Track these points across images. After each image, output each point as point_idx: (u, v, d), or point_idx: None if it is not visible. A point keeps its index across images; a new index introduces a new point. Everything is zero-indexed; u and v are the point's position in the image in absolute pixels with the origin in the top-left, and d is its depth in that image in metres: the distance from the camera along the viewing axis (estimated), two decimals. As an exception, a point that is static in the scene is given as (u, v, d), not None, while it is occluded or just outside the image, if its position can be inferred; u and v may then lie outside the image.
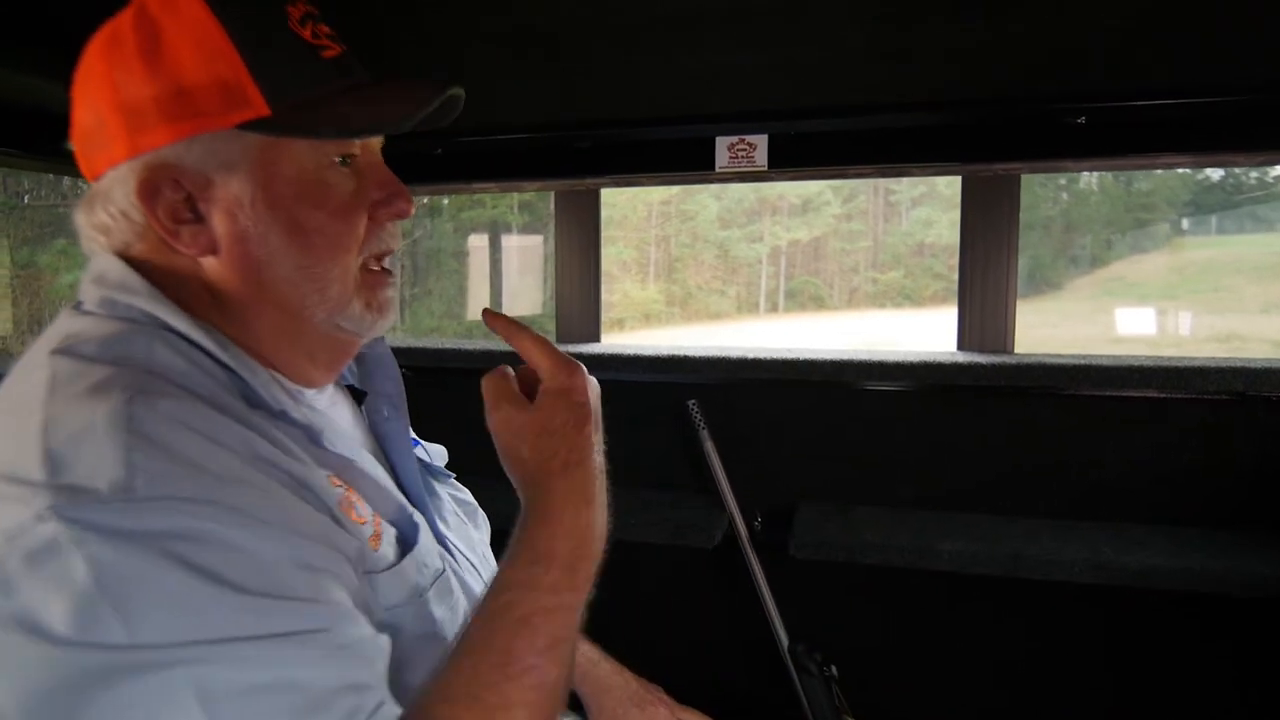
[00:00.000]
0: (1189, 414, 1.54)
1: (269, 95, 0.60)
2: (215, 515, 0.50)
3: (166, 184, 0.61)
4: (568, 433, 0.64)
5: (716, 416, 1.72)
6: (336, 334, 0.68)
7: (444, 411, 1.06)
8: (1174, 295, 6.70)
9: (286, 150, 0.62)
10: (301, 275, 0.64)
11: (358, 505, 0.63)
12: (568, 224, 1.98)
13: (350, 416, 0.77)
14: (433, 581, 0.67)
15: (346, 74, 0.65)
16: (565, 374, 0.65)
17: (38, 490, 0.49)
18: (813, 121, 1.55)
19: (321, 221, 0.63)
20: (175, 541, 0.49)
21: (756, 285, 7.82)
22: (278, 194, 0.62)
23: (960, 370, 1.62)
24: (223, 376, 0.61)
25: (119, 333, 0.59)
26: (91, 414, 0.51)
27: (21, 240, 4.39)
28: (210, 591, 0.49)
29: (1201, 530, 1.52)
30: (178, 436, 0.52)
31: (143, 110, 0.59)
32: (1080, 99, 1.42)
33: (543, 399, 0.64)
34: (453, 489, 0.90)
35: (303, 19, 0.64)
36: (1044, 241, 6.86)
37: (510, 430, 0.65)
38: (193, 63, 0.59)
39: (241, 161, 0.61)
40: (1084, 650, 1.62)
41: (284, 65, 0.61)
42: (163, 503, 0.49)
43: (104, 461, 0.49)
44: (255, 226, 0.62)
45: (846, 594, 1.70)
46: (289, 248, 0.63)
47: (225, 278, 0.64)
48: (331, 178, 0.64)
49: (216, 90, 0.59)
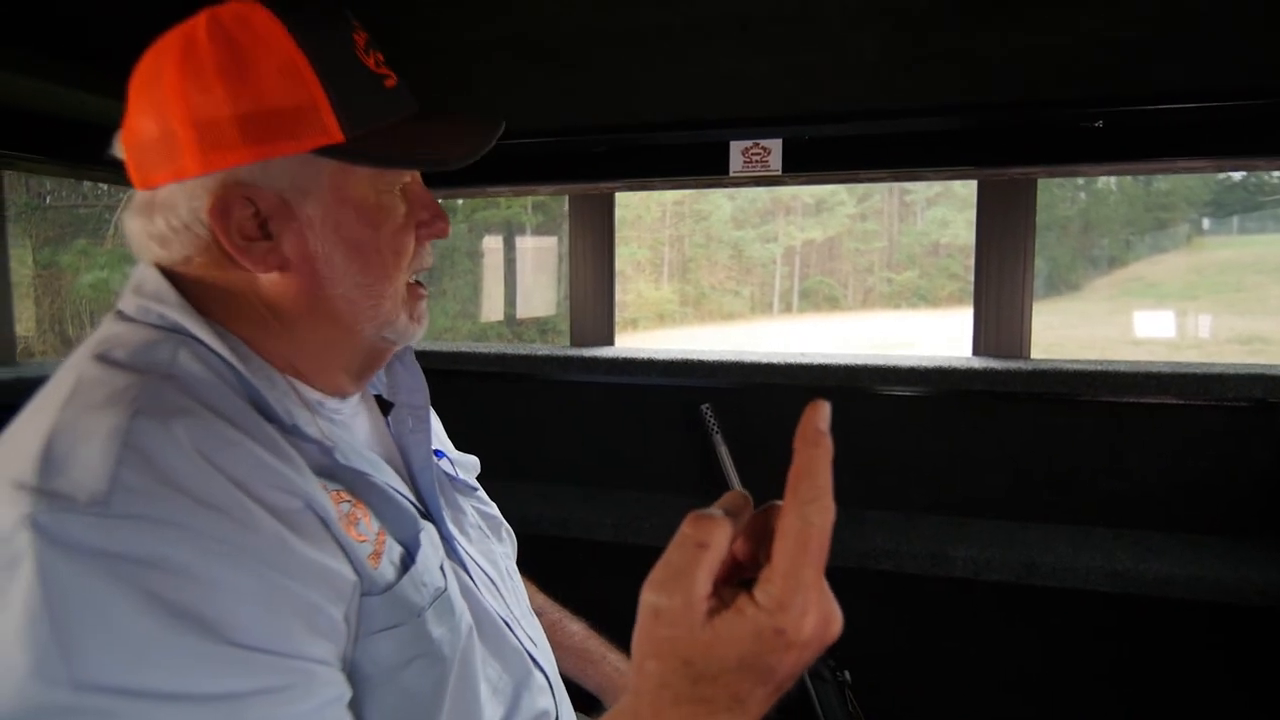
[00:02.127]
0: (1207, 421, 1.53)
1: (344, 123, 0.62)
2: (187, 541, 0.50)
3: (239, 203, 0.62)
4: (742, 683, 0.43)
5: (730, 420, 1.72)
6: (379, 344, 0.72)
7: (459, 414, 1.07)
8: (1194, 296, 6.61)
9: (354, 176, 0.65)
10: (360, 292, 0.67)
11: (361, 521, 0.64)
12: (582, 227, 1.99)
13: (372, 425, 0.78)
14: (431, 601, 0.66)
15: (405, 104, 0.68)
16: (798, 605, 0.41)
17: (26, 494, 0.50)
18: (827, 126, 1.55)
19: (381, 243, 0.67)
20: (138, 567, 0.48)
21: (770, 285, 7.80)
22: (344, 217, 0.65)
23: (975, 376, 1.61)
24: (240, 386, 0.62)
25: (149, 340, 0.61)
26: (96, 423, 0.53)
27: (43, 240, 4.44)
28: (162, 632, 0.47)
29: (1220, 538, 1.51)
30: (172, 456, 0.52)
31: (220, 128, 0.60)
32: (1098, 103, 1.41)
33: (741, 619, 0.42)
34: (478, 502, 0.90)
35: (367, 47, 0.66)
36: (1062, 242, 6.79)
37: (668, 623, 0.43)
38: (276, 86, 0.61)
39: (315, 185, 0.64)
40: (1099, 659, 1.61)
41: (357, 94, 0.64)
42: (135, 521, 0.49)
43: (90, 472, 0.50)
44: (323, 247, 0.65)
45: (860, 599, 1.70)
46: (350, 267, 0.66)
47: (285, 293, 0.66)
48: (388, 202, 0.68)
49: (296, 115, 0.61)
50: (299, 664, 0.53)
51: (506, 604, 0.80)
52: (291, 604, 0.53)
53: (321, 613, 0.56)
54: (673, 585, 0.42)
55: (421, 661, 0.63)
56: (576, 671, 1.00)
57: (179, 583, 0.49)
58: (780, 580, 0.41)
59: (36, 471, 0.50)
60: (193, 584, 0.49)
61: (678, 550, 0.43)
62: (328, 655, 0.55)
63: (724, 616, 0.42)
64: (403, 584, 0.64)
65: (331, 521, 0.60)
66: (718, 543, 0.42)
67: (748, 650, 0.42)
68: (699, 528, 0.43)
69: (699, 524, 0.43)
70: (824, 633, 0.42)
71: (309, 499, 0.59)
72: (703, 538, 0.42)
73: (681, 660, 0.42)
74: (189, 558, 0.49)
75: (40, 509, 0.48)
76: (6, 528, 0.48)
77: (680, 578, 0.42)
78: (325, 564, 0.57)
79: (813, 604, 0.41)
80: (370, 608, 0.61)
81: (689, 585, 0.42)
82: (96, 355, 0.59)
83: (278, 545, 0.54)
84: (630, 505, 1.76)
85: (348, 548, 0.60)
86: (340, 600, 0.58)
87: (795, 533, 0.41)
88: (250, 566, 0.52)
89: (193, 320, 0.63)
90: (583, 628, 1.05)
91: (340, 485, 0.64)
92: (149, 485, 0.50)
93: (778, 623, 0.41)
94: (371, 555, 0.63)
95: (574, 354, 1.87)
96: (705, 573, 0.42)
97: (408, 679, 0.62)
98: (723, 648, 0.42)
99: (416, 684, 0.63)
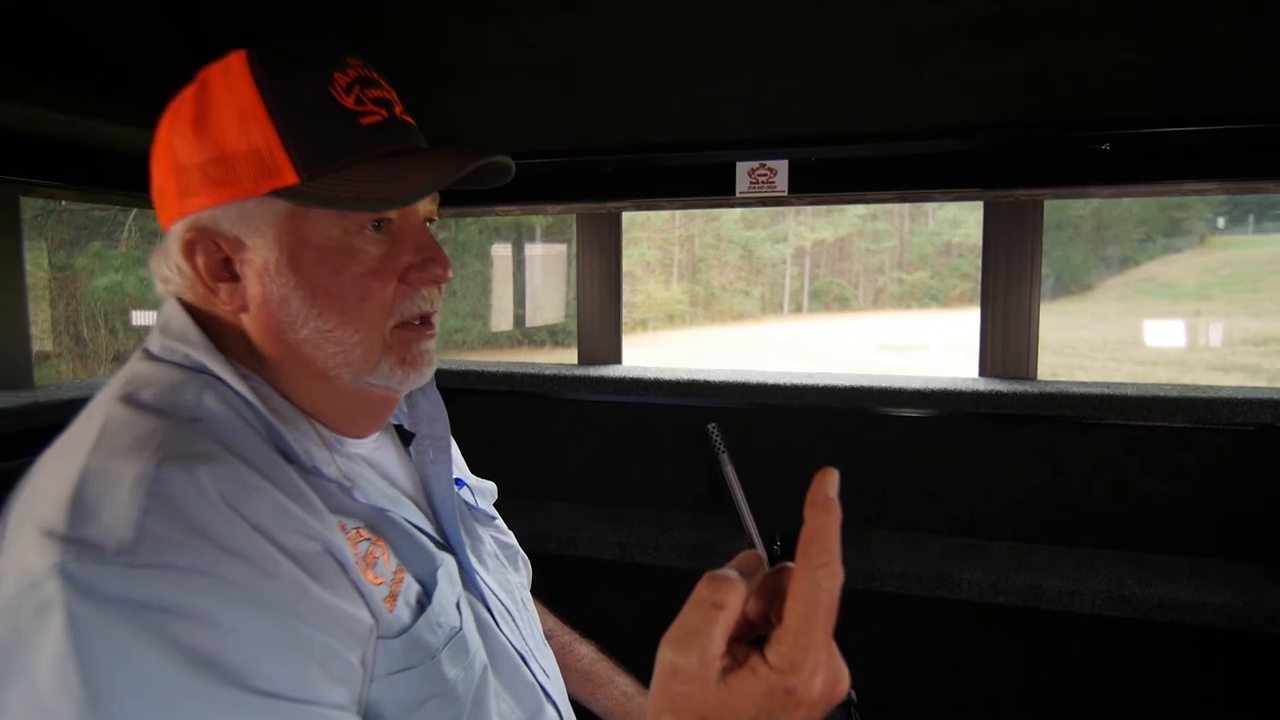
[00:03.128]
0: (1215, 445, 1.53)
1: (298, 164, 0.62)
2: (211, 589, 0.51)
3: (205, 244, 0.65)
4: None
5: (736, 439, 1.73)
6: (370, 389, 0.70)
7: (466, 432, 1.07)
8: (1209, 296, 6.54)
9: (312, 218, 0.64)
10: (321, 338, 0.66)
11: (379, 561, 0.65)
12: (589, 246, 2.00)
13: (396, 457, 0.79)
14: (446, 642, 0.67)
15: (388, 140, 0.66)
16: (808, 665, 0.43)
17: (56, 543, 0.51)
18: (833, 147, 1.56)
19: (342, 287, 0.65)
20: (161, 615, 0.49)
21: (780, 286, 7.78)
22: (301, 259, 0.64)
23: (981, 399, 1.61)
24: (262, 428, 0.63)
25: (175, 381, 0.63)
26: (122, 470, 0.54)
27: (59, 243, 4.48)
28: (186, 679, 0.49)
29: (1227, 563, 1.51)
30: (197, 504, 0.54)
31: (190, 174, 0.64)
32: (1105, 125, 1.40)
33: (754, 677, 0.44)
34: (496, 531, 0.91)
35: (350, 85, 0.65)
36: (1074, 241, 6.73)
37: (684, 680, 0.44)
38: (233, 131, 0.62)
39: (269, 227, 0.64)
40: (1105, 683, 1.61)
41: (316, 135, 0.63)
42: (160, 571, 0.50)
43: (118, 520, 0.51)
44: (279, 290, 0.65)
45: (865, 619, 1.71)
46: (309, 311, 0.65)
47: (258, 335, 0.67)
48: (359, 244, 0.65)
49: (251, 158, 0.62)
50: (316, 710, 0.53)
51: (522, 635, 0.81)
52: (309, 649, 0.54)
53: (338, 658, 0.56)
54: (689, 644, 0.44)
55: (435, 702, 0.64)
56: (585, 695, 1.01)
57: (202, 630, 0.50)
58: (791, 641, 0.43)
59: (65, 519, 0.52)
60: (215, 631, 0.50)
61: (694, 610, 0.44)
62: (344, 700, 0.56)
63: (738, 675, 0.43)
64: (418, 626, 0.65)
65: (349, 566, 0.61)
66: (732, 604, 0.44)
67: (760, 707, 0.43)
68: (715, 589, 0.44)
69: (715, 585, 0.44)
70: (832, 692, 0.44)
71: (327, 543, 0.60)
72: (718, 599, 0.44)
73: (697, 716, 0.44)
74: (212, 605, 0.51)
75: (69, 558, 0.50)
76: (37, 574, 0.50)
77: (696, 637, 0.44)
78: (342, 609, 0.58)
79: (822, 664, 0.43)
80: (386, 650, 0.62)
81: (704, 644, 0.43)
82: (123, 397, 0.61)
83: (297, 591, 0.55)
84: (637, 524, 1.77)
85: (365, 592, 0.62)
86: (357, 644, 0.59)
87: (806, 595, 0.43)
88: (270, 613, 0.53)
89: (216, 361, 0.65)
90: (591, 650, 1.05)
91: (360, 522, 0.65)
92: (174, 534, 0.52)
93: (788, 682, 0.43)
94: (387, 598, 0.64)
95: (581, 373, 1.88)
96: (720, 632, 0.44)
97: (422, 718, 0.63)
98: (736, 705, 0.43)
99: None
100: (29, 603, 0.50)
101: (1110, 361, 6.46)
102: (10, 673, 0.49)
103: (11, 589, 0.51)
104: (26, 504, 0.57)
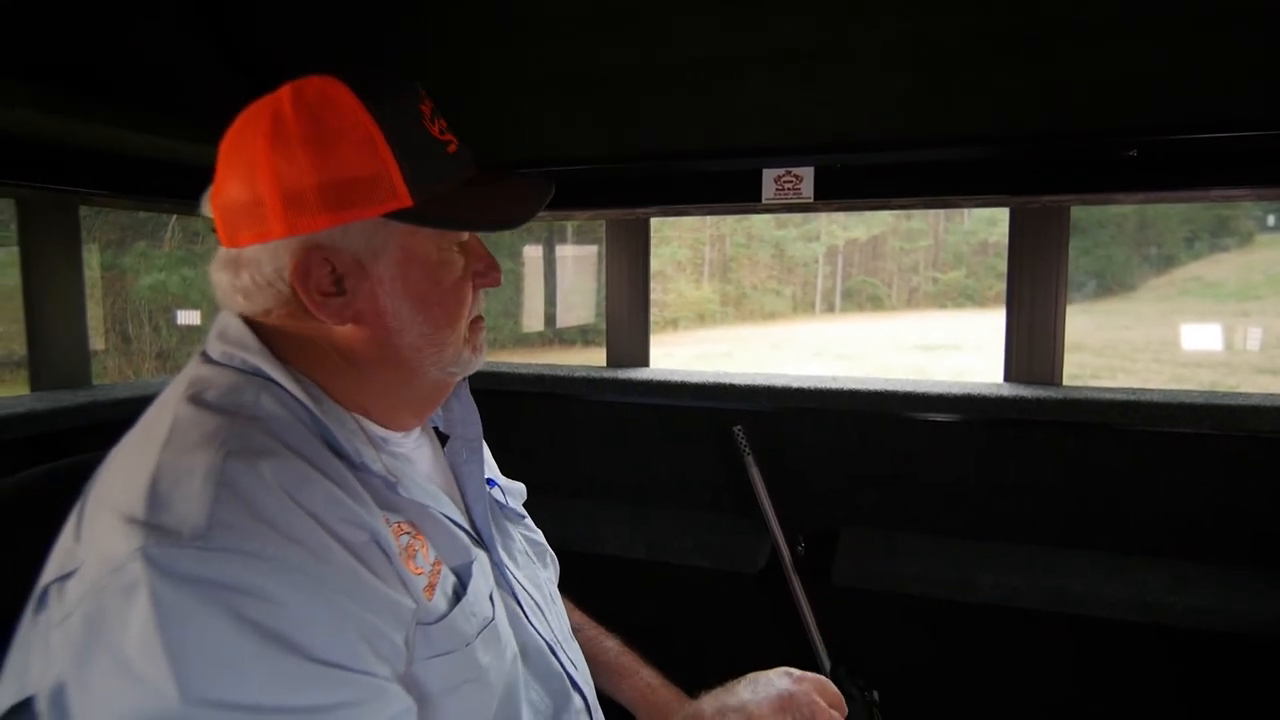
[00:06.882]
0: (1242, 452, 1.51)
1: (413, 189, 0.68)
2: (274, 571, 0.56)
3: (318, 263, 0.69)
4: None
5: (761, 442, 1.75)
6: (443, 378, 0.78)
7: (498, 431, 1.11)
8: (1256, 296, 6.37)
9: (420, 236, 0.71)
10: (424, 340, 0.74)
11: (419, 554, 0.70)
12: (618, 251, 2.04)
13: (432, 457, 0.85)
14: (479, 631, 0.72)
15: (465, 167, 0.74)
16: None
17: (137, 528, 0.56)
18: (859, 155, 1.57)
19: (443, 296, 0.73)
20: (232, 594, 0.54)
21: (812, 285, 7.75)
22: (412, 274, 0.71)
23: (1005, 404, 1.62)
24: (314, 427, 0.69)
25: (235, 384, 0.68)
26: (193, 463, 0.60)
27: (106, 243, 4.61)
28: (255, 649, 0.54)
29: (1251, 571, 1.49)
30: (260, 494, 0.59)
31: (303, 196, 0.66)
32: (1132, 132, 1.40)
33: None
34: (525, 529, 0.97)
35: (432, 116, 0.72)
36: (1117, 240, 6.60)
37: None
38: (353, 157, 0.66)
39: (386, 246, 0.70)
40: (1128, 688, 1.60)
41: (423, 161, 0.69)
42: (229, 554, 0.55)
43: (191, 508, 0.57)
44: (392, 302, 0.71)
45: (889, 620, 1.73)
46: (416, 317, 0.72)
47: (357, 342, 0.73)
48: (449, 257, 0.74)
49: (371, 183, 0.67)
50: (372, 680, 0.59)
51: (551, 628, 0.86)
52: (360, 628, 0.60)
53: (385, 638, 0.62)
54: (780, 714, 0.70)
55: (470, 686, 0.70)
56: (611, 686, 1.04)
57: (267, 608, 0.55)
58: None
59: (145, 508, 0.57)
60: (278, 609, 0.55)
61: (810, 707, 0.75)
62: (391, 676, 0.62)
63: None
64: (453, 615, 0.70)
65: (393, 555, 0.67)
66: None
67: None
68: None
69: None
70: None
71: (375, 533, 0.65)
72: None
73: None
74: (275, 586, 0.56)
75: (150, 542, 0.55)
76: (121, 557, 0.55)
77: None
78: (388, 594, 0.63)
79: None
80: (425, 635, 0.67)
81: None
82: (190, 397, 0.67)
83: (349, 575, 0.61)
84: (663, 524, 1.81)
85: (406, 581, 0.67)
86: (401, 626, 0.64)
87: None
88: (324, 594, 0.58)
89: (272, 366, 0.70)
90: (617, 644, 1.08)
91: (402, 516, 0.71)
92: (242, 521, 0.57)
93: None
94: (427, 588, 0.69)
95: (609, 375, 1.92)
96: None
97: (457, 701, 0.69)
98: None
99: (464, 706, 0.69)
100: (115, 583, 0.55)
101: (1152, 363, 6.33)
102: (97, 645, 0.54)
103: (95, 570, 0.57)
104: (104, 494, 0.62)
